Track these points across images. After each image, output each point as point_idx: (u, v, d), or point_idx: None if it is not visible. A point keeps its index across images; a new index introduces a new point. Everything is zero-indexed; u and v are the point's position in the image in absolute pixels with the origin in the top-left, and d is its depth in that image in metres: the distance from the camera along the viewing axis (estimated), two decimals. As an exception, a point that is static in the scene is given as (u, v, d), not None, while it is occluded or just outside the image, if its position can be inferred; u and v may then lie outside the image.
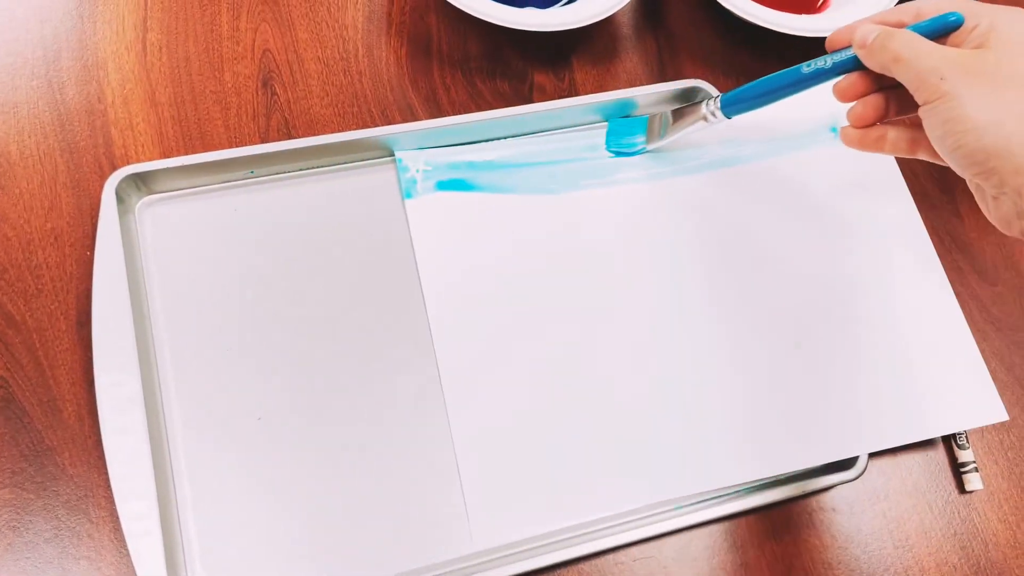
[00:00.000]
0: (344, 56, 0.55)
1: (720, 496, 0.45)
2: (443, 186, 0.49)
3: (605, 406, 0.45)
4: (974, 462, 0.48)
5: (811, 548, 0.46)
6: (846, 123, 0.41)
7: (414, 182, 0.49)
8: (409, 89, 0.54)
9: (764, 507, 0.45)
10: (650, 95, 0.54)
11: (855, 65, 0.39)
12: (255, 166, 0.48)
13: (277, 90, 0.53)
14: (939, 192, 0.57)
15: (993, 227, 0.37)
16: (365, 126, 0.52)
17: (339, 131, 0.51)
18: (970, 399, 0.47)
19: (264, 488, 0.41)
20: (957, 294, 0.50)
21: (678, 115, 0.49)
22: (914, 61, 0.35)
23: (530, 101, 0.55)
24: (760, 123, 0.52)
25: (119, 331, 0.42)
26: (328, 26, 0.56)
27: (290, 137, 0.51)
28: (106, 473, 0.40)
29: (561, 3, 0.57)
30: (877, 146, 0.41)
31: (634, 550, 0.44)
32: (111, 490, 0.39)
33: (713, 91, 0.53)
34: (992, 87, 0.33)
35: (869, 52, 0.38)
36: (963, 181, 0.37)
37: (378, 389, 0.44)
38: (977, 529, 0.48)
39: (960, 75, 0.34)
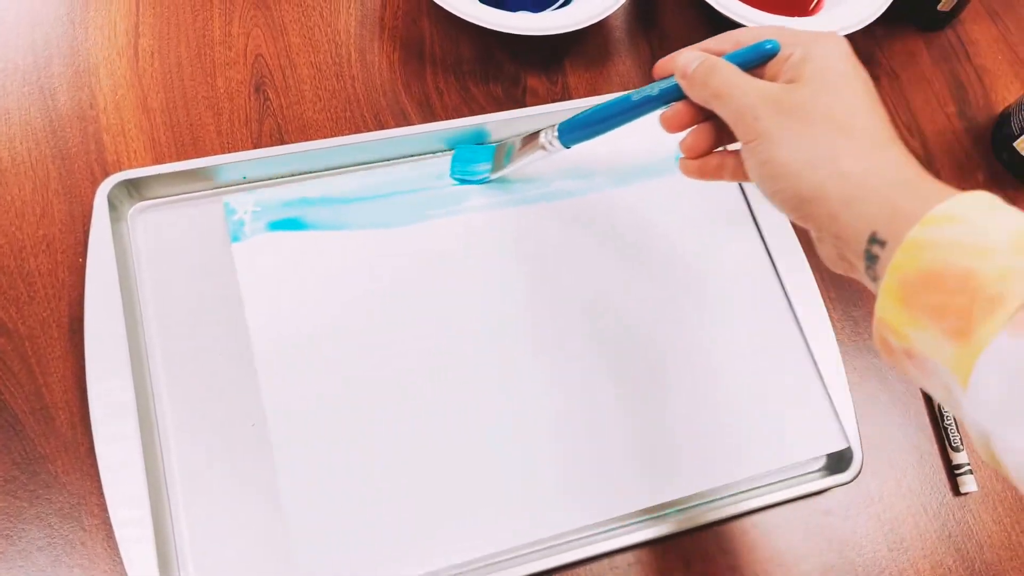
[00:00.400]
0: (337, 61, 0.55)
1: (715, 499, 0.45)
2: (275, 226, 0.47)
3: (445, 449, 0.43)
4: (969, 464, 0.48)
5: (806, 551, 0.46)
6: None
7: (241, 224, 0.46)
8: (402, 93, 0.54)
9: (758, 510, 0.45)
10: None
11: (680, 94, 0.37)
12: (247, 172, 0.48)
13: (269, 95, 0.53)
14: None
15: None
16: (358, 131, 0.52)
17: (332, 136, 0.51)
18: (813, 429, 0.46)
19: (257, 494, 0.41)
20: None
21: (524, 143, 0.47)
22: (732, 98, 0.34)
23: (523, 104, 0.55)
24: (608, 152, 0.50)
25: (111, 338, 0.42)
26: (320, 31, 0.56)
27: (283, 142, 0.51)
28: (99, 480, 0.40)
29: (554, 6, 0.57)
30: (717, 175, 0.38)
31: (628, 555, 0.44)
32: (104, 497, 0.39)
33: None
34: (804, 126, 0.32)
35: (690, 83, 0.36)
36: None
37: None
38: (972, 531, 0.48)
39: (773, 114, 0.32)
